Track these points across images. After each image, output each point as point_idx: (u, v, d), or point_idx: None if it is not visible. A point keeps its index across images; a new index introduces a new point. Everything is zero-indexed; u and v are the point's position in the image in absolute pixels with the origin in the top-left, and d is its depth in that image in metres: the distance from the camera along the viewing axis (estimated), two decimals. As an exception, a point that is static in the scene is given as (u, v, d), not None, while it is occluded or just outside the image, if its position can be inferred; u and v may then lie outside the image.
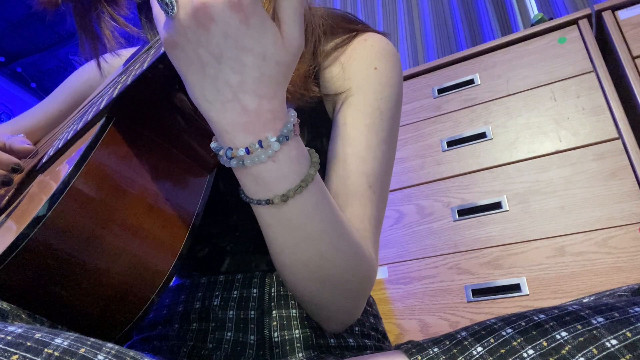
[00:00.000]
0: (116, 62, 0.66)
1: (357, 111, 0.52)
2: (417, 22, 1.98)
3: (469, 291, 1.13)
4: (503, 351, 0.28)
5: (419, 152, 1.34)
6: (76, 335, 0.26)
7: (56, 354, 0.24)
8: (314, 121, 0.55)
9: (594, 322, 0.27)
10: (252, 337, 0.47)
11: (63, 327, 0.35)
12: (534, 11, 1.60)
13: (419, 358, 0.31)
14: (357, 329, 0.52)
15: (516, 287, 1.08)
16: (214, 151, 0.36)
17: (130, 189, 0.38)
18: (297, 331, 0.48)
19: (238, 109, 0.33)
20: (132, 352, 0.27)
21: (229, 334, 0.47)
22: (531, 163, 1.18)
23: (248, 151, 0.34)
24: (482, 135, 1.27)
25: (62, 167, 0.41)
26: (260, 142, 0.34)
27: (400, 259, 1.24)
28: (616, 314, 0.27)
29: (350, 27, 0.60)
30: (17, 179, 0.56)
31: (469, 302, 1.12)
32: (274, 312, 0.48)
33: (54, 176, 0.41)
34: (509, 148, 1.23)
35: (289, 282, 0.44)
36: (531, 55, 1.30)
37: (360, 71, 0.55)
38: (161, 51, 0.35)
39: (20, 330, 0.25)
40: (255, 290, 0.49)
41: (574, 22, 1.27)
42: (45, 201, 0.34)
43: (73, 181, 0.35)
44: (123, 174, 0.38)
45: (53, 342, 0.25)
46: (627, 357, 0.25)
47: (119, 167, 0.38)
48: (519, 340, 0.28)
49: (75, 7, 0.55)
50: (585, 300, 0.35)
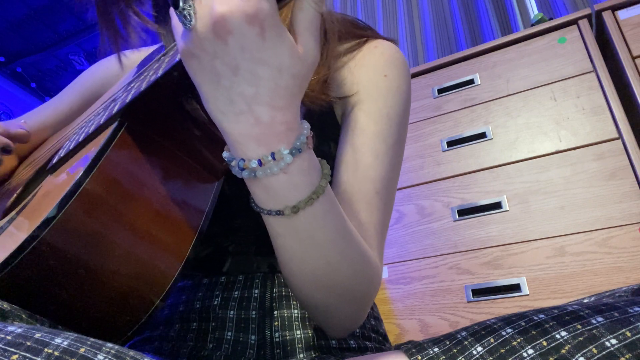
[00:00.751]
0: (136, 58, 0.66)
1: (366, 118, 0.53)
2: (417, 22, 1.98)
3: (469, 291, 1.13)
4: (503, 351, 0.28)
5: (419, 152, 1.34)
6: (76, 335, 0.26)
7: (56, 353, 0.24)
8: (322, 125, 0.55)
9: (593, 321, 0.27)
10: (253, 337, 0.47)
11: (66, 329, 0.35)
12: (534, 11, 1.60)
13: (419, 358, 0.31)
14: (358, 330, 0.52)
15: (516, 287, 1.08)
16: (226, 161, 0.36)
17: (140, 194, 0.38)
18: (299, 332, 0.48)
19: (251, 121, 0.33)
20: (132, 352, 0.27)
21: (230, 333, 0.47)
22: (531, 163, 1.18)
23: (260, 163, 0.34)
24: (482, 135, 1.27)
25: (73, 169, 0.41)
26: (272, 154, 0.34)
27: (400, 259, 1.24)
28: (616, 314, 0.28)
29: (360, 33, 0.60)
30: (26, 177, 0.56)
31: (469, 302, 1.12)
32: (276, 312, 0.48)
33: (64, 178, 0.41)
34: (509, 148, 1.23)
35: (295, 289, 0.43)
36: (531, 55, 1.30)
37: (370, 78, 0.55)
38: (176, 59, 0.35)
39: (20, 330, 0.25)
40: (257, 291, 0.49)
41: (574, 22, 1.27)
42: (55, 203, 0.34)
43: (84, 184, 0.35)
44: (133, 179, 0.39)
45: (53, 342, 0.25)
46: (627, 356, 0.25)
47: (129, 171, 0.39)
48: (518, 340, 0.28)
49: (97, 2, 0.56)
50: (585, 301, 0.35)
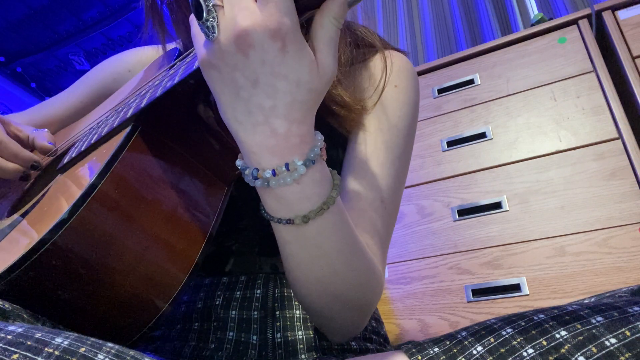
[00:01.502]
0: (152, 55, 0.67)
1: (374, 127, 0.53)
2: (417, 22, 1.98)
3: (469, 291, 1.13)
4: (503, 350, 0.28)
5: (419, 152, 1.34)
6: (76, 334, 0.27)
7: (56, 353, 0.24)
8: (331, 131, 0.55)
9: (593, 321, 0.27)
10: (255, 338, 0.47)
11: (74, 331, 0.35)
12: (534, 11, 1.60)
13: (419, 358, 0.31)
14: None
15: (516, 287, 1.08)
16: (240, 169, 0.36)
17: (152, 198, 0.39)
18: (300, 332, 0.48)
19: (267, 132, 0.33)
20: (132, 352, 0.27)
21: (231, 333, 0.47)
22: (531, 163, 1.19)
23: (274, 173, 0.34)
24: (482, 135, 1.27)
25: (85, 171, 0.41)
26: (286, 165, 0.34)
27: (400, 259, 1.24)
28: (615, 313, 0.28)
29: (371, 42, 0.60)
30: (35, 173, 0.56)
31: (469, 302, 1.12)
32: (278, 312, 0.48)
33: (76, 179, 0.41)
34: (509, 148, 1.23)
35: (300, 295, 0.44)
36: (531, 55, 1.30)
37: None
38: (194, 67, 0.36)
39: (20, 330, 0.25)
40: (259, 291, 0.49)
41: (574, 22, 1.27)
42: (68, 205, 0.34)
43: (98, 187, 0.35)
44: (145, 183, 0.39)
45: (53, 342, 0.25)
46: (626, 355, 0.25)
47: (142, 176, 0.39)
48: (518, 340, 0.28)
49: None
50: (585, 301, 0.35)
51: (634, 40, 1.17)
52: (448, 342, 0.31)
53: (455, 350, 0.30)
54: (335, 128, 0.55)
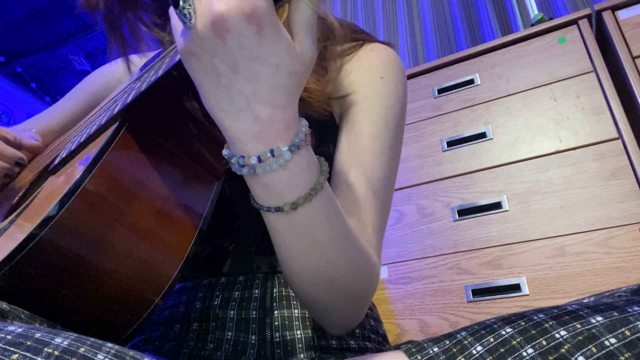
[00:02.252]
0: (140, 62, 0.67)
1: (363, 119, 0.53)
2: (417, 22, 1.98)
3: (469, 291, 1.13)
4: (502, 350, 0.28)
5: (419, 152, 1.34)
6: (76, 335, 0.27)
7: (56, 353, 0.24)
8: (321, 127, 0.55)
9: (593, 321, 0.27)
10: (254, 337, 0.47)
11: (66, 328, 0.35)
12: (534, 11, 1.60)
13: (419, 358, 0.31)
14: (357, 331, 0.52)
15: (516, 287, 1.08)
16: (226, 158, 0.36)
17: (140, 193, 0.39)
18: (299, 332, 0.48)
19: (251, 118, 0.33)
20: (132, 352, 0.27)
21: (230, 333, 0.47)
22: (531, 163, 1.18)
23: (260, 160, 0.34)
24: (482, 135, 1.27)
25: (74, 169, 0.41)
26: (272, 151, 0.34)
27: (400, 259, 1.24)
28: (615, 313, 0.28)
29: (355, 37, 0.61)
30: (29, 179, 0.56)
31: (469, 302, 1.12)
32: (276, 312, 0.48)
33: (66, 178, 0.41)
34: (509, 148, 1.23)
35: (295, 287, 0.44)
36: (531, 55, 1.30)
37: (366, 80, 0.56)
38: (176, 59, 0.36)
39: (20, 330, 0.25)
40: (257, 291, 0.49)
41: (574, 22, 1.27)
42: (55, 202, 0.34)
43: (84, 183, 0.35)
44: (133, 178, 0.39)
45: (53, 342, 0.25)
46: (626, 355, 0.25)
47: (129, 171, 0.39)
48: (518, 340, 0.28)
49: (106, 12, 0.56)
50: (585, 301, 0.35)
51: (634, 40, 1.17)
52: (448, 342, 0.31)
53: (455, 350, 0.30)
54: (325, 123, 0.55)
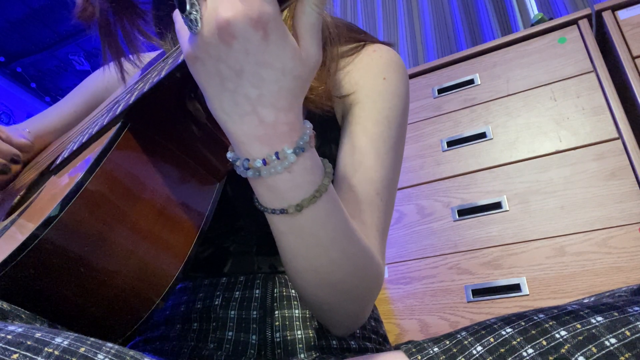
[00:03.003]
0: (134, 71, 0.67)
1: (365, 120, 0.53)
2: (417, 22, 1.98)
3: (469, 291, 1.13)
4: (503, 350, 0.28)
5: (419, 152, 1.34)
6: (76, 334, 0.27)
7: (56, 352, 0.24)
8: (323, 127, 0.55)
9: (593, 321, 0.27)
10: (254, 337, 0.47)
11: (67, 328, 0.35)
12: (534, 11, 1.60)
13: (419, 358, 0.31)
14: (358, 331, 0.52)
15: (516, 287, 1.08)
16: (231, 161, 0.37)
17: (142, 194, 0.39)
18: (300, 332, 0.48)
19: (255, 122, 0.33)
20: (132, 352, 0.27)
21: (230, 333, 0.47)
22: (531, 163, 1.19)
23: (265, 162, 0.34)
24: (482, 135, 1.27)
25: (76, 169, 0.41)
26: (277, 154, 0.34)
27: (400, 259, 1.24)
28: (615, 313, 0.28)
29: (356, 37, 0.61)
30: (29, 179, 0.56)
31: (469, 302, 1.12)
32: (277, 312, 0.48)
33: (67, 178, 0.41)
34: (509, 148, 1.23)
35: (299, 288, 0.44)
36: (531, 55, 1.30)
37: (368, 81, 0.56)
38: (179, 60, 0.36)
39: (20, 330, 0.26)
40: (258, 291, 0.49)
41: (574, 22, 1.27)
42: (57, 202, 0.34)
43: (86, 183, 0.35)
44: (135, 179, 0.39)
45: (53, 342, 0.25)
46: (626, 355, 0.25)
47: (131, 171, 0.39)
48: (518, 340, 0.28)
49: (100, 20, 0.56)
50: (585, 301, 0.35)
51: (634, 40, 1.17)
52: (448, 342, 0.31)
53: (455, 350, 0.30)
54: (328, 123, 0.56)
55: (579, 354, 0.26)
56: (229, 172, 0.46)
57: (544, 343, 0.27)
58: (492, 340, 0.29)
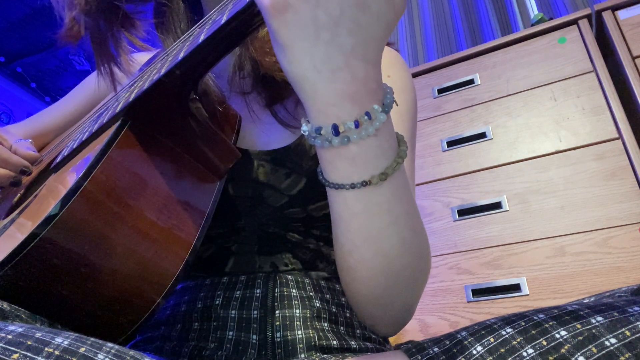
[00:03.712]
0: (140, 60, 0.67)
1: None
2: (417, 22, 1.98)
3: (469, 291, 1.13)
4: (503, 350, 0.28)
5: (419, 152, 1.34)
6: (76, 334, 0.27)
7: (57, 352, 0.24)
8: None
9: (593, 321, 0.27)
10: (255, 337, 0.47)
11: (67, 327, 0.35)
12: (534, 11, 1.60)
13: (419, 358, 0.31)
14: (358, 331, 0.52)
15: (516, 287, 1.08)
16: (310, 134, 0.33)
17: (142, 192, 0.39)
18: (300, 332, 0.48)
19: (348, 78, 0.30)
20: (132, 352, 0.27)
21: (231, 333, 0.47)
22: (531, 163, 1.19)
23: (357, 124, 0.31)
24: (482, 135, 1.27)
25: (76, 168, 0.41)
26: (367, 114, 0.31)
27: (400, 259, 1.24)
28: (615, 313, 0.28)
29: None
30: (29, 177, 0.56)
31: (469, 302, 1.12)
32: (277, 312, 0.48)
33: (67, 176, 0.41)
34: (509, 148, 1.23)
35: (361, 281, 0.41)
36: (531, 55, 1.30)
37: None
38: (179, 57, 0.35)
39: (20, 330, 0.26)
40: (259, 291, 0.49)
41: (574, 22, 1.27)
42: (57, 201, 0.34)
43: (86, 182, 0.35)
44: (136, 177, 0.39)
45: (53, 341, 0.25)
46: (626, 355, 0.25)
47: (132, 169, 0.39)
48: (518, 340, 0.28)
49: (92, 32, 0.55)
50: (585, 301, 0.35)
51: (634, 40, 1.17)
52: (448, 342, 0.31)
53: (455, 350, 0.30)
54: None
55: (579, 354, 0.26)
56: (230, 171, 0.46)
57: (544, 343, 0.27)
58: (492, 340, 0.29)
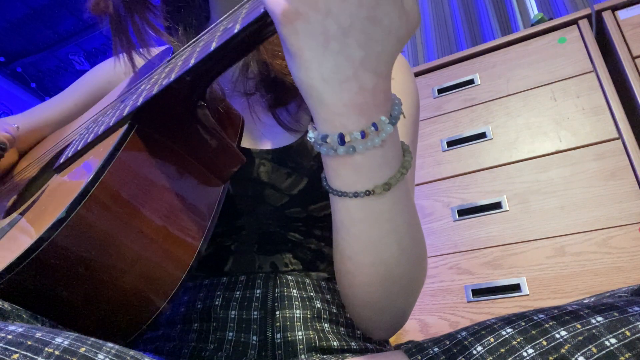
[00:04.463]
0: (141, 62, 0.67)
1: None
2: (417, 22, 1.98)
3: (469, 291, 1.13)
4: (503, 350, 0.28)
5: (419, 152, 1.34)
6: (76, 334, 0.27)
7: (57, 352, 0.24)
8: None
9: (593, 321, 0.27)
10: (255, 338, 0.47)
11: (70, 330, 0.35)
12: (534, 11, 1.60)
13: (419, 358, 0.31)
14: (359, 332, 0.52)
15: (516, 287, 1.08)
16: (316, 141, 0.33)
17: (150, 196, 0.39)
18: (300, 333, 0.47)
19: (355, 89, 0.30)
20: (132, 352, 0.27)
21: (231, 334, 0.47)
22: (531, 163, 1.19)
23: (363, 135, 0.31)
24: (482, 135, 1.27)
25: (82, 171, 0.41)
26: (374, 125, 0.31)
27: (400, 259, 1.25)
28: (615, 313, 0.28)
29: None
30: (28, 175, 0.56)
31: (469, 302, 1.12)
32: (277, 312, 0.48)
33: (74, 179, 0.41)
34: (509, 148, 1.23)
35: (358, 286, 0.41)
36: (531, 55, 1.30)
37: None
38: (190, 64, 0.35)
39: (20, 330, 0.26)
40: (259, 291, 0.49)
41: (574, 22, 1.27)
42: (66, 204, 0.34)
43: (95, 186, 0.35)
44: (143, 181, 0.39)
45: (53, 342, 0.25)
46: (626, 355, 0.25)
47: (139, 173, 0.39)
48: (518, 340, 0.28)
49: (112, 15, 0.56)
50: (585, 301, 0.35)
51: (634, 40, 1.17)
52: (448, 342, 0.31)
53: (455, 350, 0.30)
54: None
55: (579, 354, 0.26)
56: (233, 175, 0.46)
57: (544, 343, 0.27)
58: (492, 340, 0.29)
